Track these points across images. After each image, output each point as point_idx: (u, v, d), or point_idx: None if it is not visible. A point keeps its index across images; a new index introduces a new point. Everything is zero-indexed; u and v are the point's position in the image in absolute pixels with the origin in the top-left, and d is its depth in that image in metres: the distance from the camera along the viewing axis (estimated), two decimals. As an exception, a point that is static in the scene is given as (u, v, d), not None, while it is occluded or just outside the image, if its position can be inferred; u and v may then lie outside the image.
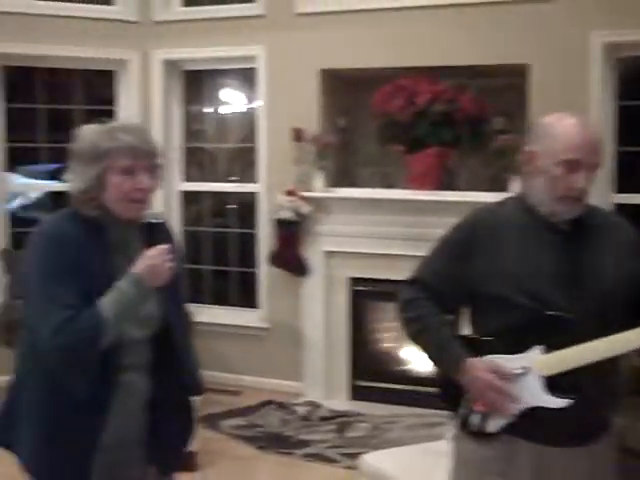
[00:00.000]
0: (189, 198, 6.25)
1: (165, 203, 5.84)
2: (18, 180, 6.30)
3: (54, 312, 2.09)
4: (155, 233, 2.21)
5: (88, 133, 2.21)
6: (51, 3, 5.84)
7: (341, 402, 5.47)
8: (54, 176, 6.32)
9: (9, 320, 5.17)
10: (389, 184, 5.58)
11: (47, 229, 2.22)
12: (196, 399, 2.45)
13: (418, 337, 2.34)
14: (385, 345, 5.68)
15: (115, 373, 2.20)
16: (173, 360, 2.32)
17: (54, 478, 2.23)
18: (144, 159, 2.20)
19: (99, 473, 2.23)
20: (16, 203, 6.48)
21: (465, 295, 2.30)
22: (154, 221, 2.24)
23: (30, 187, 6.45)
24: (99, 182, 2.18)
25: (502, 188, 4.94)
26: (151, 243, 2.19)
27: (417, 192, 5.25)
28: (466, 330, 2.37)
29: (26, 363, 2.26)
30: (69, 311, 2.09)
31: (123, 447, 2.29)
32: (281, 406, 5.35)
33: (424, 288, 2.32)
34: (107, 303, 2.12)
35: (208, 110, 6.23)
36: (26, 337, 2.25)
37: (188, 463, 4.15)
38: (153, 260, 2.15)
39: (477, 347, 2.24)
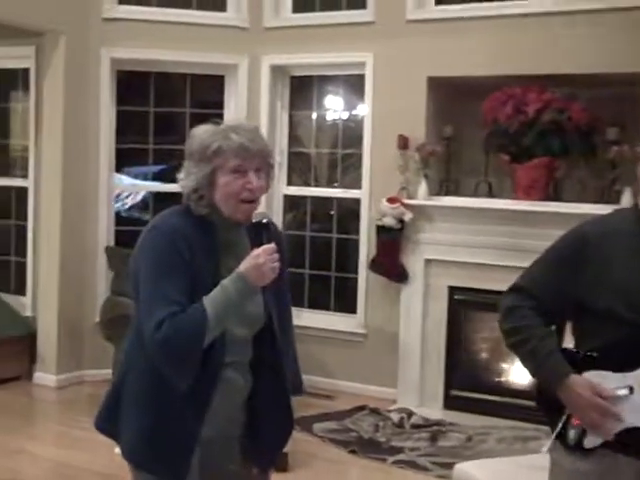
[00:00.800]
0: (291, 202, 6.32)
1: (268, 206, 5.91)
2: (124, 181, 6.48)
3: (159, 307, 2.11)
4: (263, 233, 2.21)
5: (200, 132, 2.23)
6: (163, 10, 6.00)
7: (435, 411, 5.44)
8: (158, 177, 6.48)
9: (111, 316, 5.33)
10: (493, 194, 5.52)
11: (160, 225, 2.24)
12: (295, 399, 2.45)
13: (519, 347, 2.26)
14: (482, 356, 5.62)
15: (217, 370, 2.22)
16: (274, 360, 2.34)
17: (155, 470, 2.25)
18: (254, 159, 2.21)
19: (198, 467, 2.26)
20: (120, 203, 6.67)
21: (570, 307, 2.23)
22: (262, 221, 2.23)
23: (135, 188, 6.63)
24: (209, 181, 2.20)
25: (611, 200, 4.82)
26: (258, 243, 2.19)
27: (522, 202, 5.17)
28: (568, 344, 2.31)
29: (132, 357, 2.29)
30: (174, 307, 2.11)
31: (222, 442, 2.32)
32: (374, 412, 5.35)
33: (528, 297, 2.25)
34: (211, 301, 2.13)
35: (313, 116, 6.28)
36: (133, 331, 2.28)
37: (280, 463, 4.19)
38: (258, 260, 2.15)
39: (580, 362, 2.17)
